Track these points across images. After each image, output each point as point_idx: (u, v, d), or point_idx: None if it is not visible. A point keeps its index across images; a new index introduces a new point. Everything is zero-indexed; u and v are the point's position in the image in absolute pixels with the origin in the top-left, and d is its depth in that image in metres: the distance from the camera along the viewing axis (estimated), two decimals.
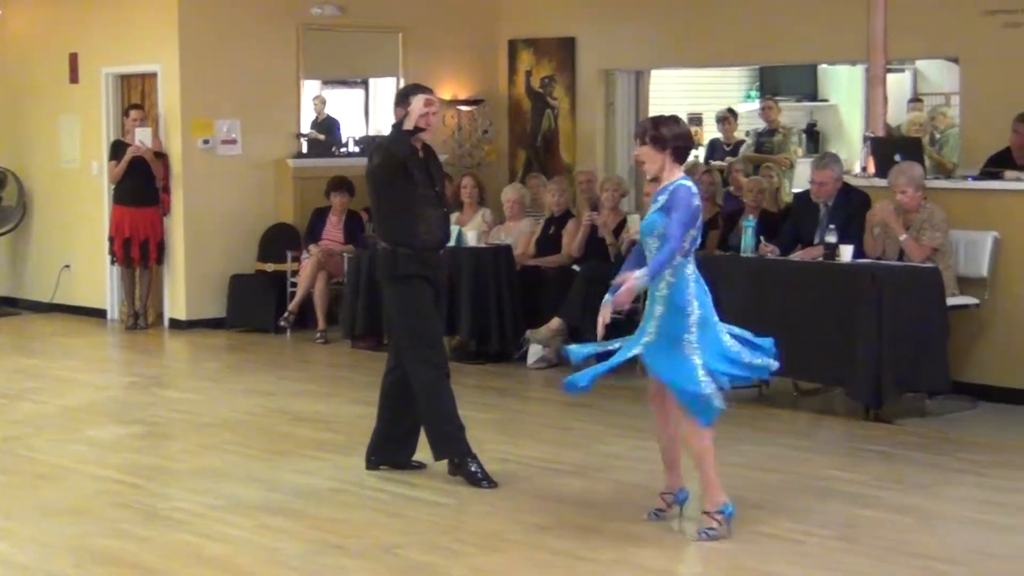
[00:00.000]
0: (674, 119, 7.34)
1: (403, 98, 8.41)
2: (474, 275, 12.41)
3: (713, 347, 7.19)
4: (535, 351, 12.42)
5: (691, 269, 7.20)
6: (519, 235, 13.40)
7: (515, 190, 13.93)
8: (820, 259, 10.61)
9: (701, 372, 7.11)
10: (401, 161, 8.27)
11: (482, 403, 10.82)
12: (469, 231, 13.00)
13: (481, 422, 10.10)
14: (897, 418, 10.09)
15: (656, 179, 7.35)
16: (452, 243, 11.81)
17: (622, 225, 12.67)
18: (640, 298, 7.63)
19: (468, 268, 12.40)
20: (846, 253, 10.40)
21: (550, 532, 7.43)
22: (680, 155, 7.26)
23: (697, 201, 7.20)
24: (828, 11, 13.64)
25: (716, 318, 7.27)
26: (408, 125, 8.26)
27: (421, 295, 8.39)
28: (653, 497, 7.78)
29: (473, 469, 8.34)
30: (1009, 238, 10.57)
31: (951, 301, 10.33)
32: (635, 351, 7.25)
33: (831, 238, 10.51)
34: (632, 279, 7.13)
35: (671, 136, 7.21)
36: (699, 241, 7.31)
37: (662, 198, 7.25)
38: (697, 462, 7.28)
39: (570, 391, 7.33)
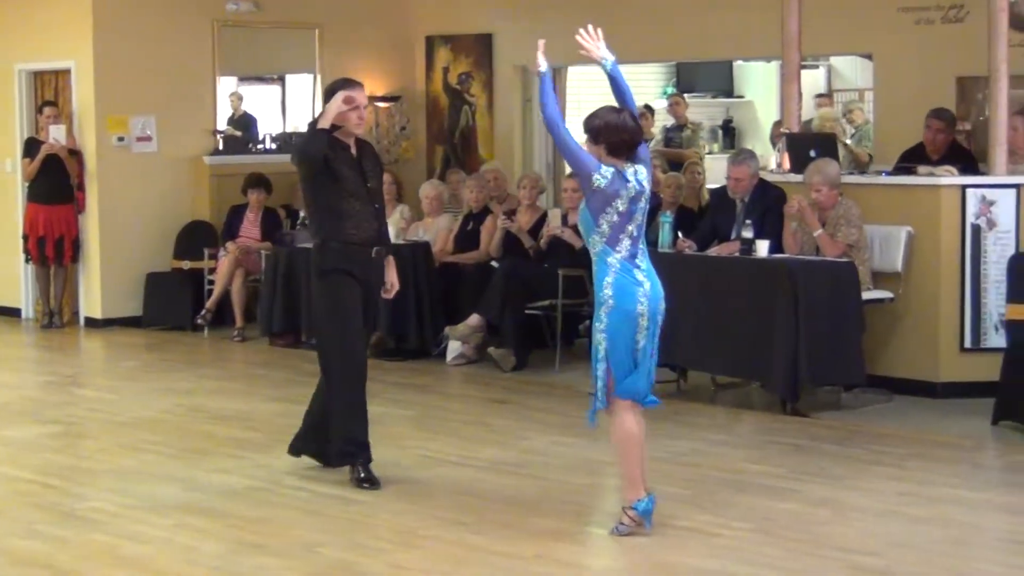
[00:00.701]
0: (613, 111, 7.23)
1: (329, 95, 8.24)
2: None
3: (625, 344, 7.17)
4: (454, 347, 12.41)
5: (614, 259, 7.09)
6: (438, 231, 13.36)
7: (433, 186, 13.89)
8: (737, 254, 10.67)
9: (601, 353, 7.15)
10: (316, 160, 8.11)
11: (401, 400, 10.82)
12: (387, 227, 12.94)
13: (400, 418, 10.10)
14: (813, 411, 10.15)
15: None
16: None
17: (542, 221, 12.67)
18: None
19: None
20: (762, 248, 10.47)
21: (469, 528, 7.42)
22: (615, 149, 7.12)
23: (598, 180, 7.05)
24: (743, 7, 13.70)
25: (646, 323, 7.12)
26: (323, 124, 8.09)
27: (346, 291, 8.22)
28: (574, 492, 7.76)
29: (358, 472, 8.25)
30: (922, 233, 10.66)
31: (866, 295, 10.42)
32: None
33: (747, 233, 10.57)
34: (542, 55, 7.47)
35: (603, 128, 7.15)
36: (627, 231, 7.08)
37: None
38: (620, 456, 7.29)
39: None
